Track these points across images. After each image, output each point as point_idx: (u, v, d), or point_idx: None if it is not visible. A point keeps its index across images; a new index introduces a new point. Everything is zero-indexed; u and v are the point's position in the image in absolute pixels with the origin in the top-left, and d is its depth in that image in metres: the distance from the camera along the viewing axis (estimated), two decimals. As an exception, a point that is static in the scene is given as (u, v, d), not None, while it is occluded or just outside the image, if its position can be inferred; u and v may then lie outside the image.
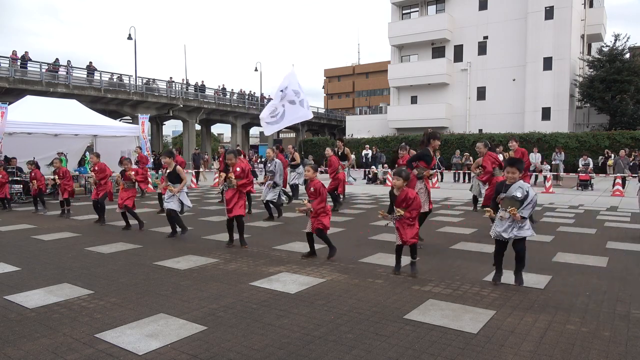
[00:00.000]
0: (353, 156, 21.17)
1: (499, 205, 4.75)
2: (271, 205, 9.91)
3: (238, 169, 6.84)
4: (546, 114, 33.55)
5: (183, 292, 4.67)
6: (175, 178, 7.66)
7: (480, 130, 33.67)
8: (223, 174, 6.93)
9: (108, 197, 9.46)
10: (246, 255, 6.38)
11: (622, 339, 3.50)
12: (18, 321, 3.89)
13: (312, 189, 6.13)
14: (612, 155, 21.51)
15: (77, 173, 15.93)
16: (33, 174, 11.22)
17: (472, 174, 11.22)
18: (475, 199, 11.38)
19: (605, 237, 7.73)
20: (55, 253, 6.57)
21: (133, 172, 8.79)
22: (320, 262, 5.95)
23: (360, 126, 41.40)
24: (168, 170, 7.71)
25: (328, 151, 11.64)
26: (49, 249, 6.84)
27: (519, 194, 4.59)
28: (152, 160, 18.55)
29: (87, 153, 18.24)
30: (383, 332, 3.63)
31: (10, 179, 12.94)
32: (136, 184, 8.99)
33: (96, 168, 9.35)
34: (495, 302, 4.34)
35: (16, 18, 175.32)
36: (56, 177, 10.51)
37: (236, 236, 6.99)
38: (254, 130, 61.82)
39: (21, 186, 13.27)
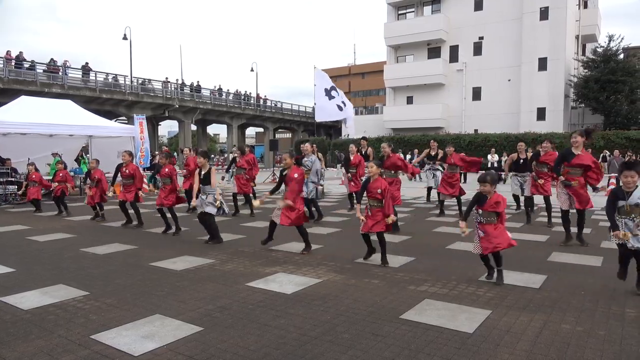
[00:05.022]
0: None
1: (620, 215, 4.41)
2: (312, 206, 9.34)
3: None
4: (541, 114, 33.67)
5: (179, 293, 4.66)
6: (207, 179, 7.24)
7: (476, 131, 33.73)
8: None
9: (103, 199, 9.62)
10: (242, 255, 6.37)
11: (617, 338, 3.52)
12: (13, 322, 3.87)
13: (379, 190, 5.63)
14: (608, 156, 21.60)
15: (72, 174, 15.84)
16: (33, 176, 11.34)
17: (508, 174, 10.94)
18: (517, 198, 10.86)
19: (600, 236, 7.77)
20: (50, 254, 6.54)
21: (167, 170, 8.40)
22: (317, 262, 5.95)
23: (356, 126, 41.24)
24: (203, 172, 7.29)
25: (353, 148, 10.68)
26: (44, 250, 6.81)
27: None
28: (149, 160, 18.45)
29: (84, 154, 18.16)
30: (379, 332, 3.63)
31: (4, 179, 12.90)
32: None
33: (127, 171, 8.87)
34: (491, 301, 4.35)
35: (17, 17, 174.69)
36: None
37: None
38: (250, 131, 61.76)
39: (16, 187, 13.20)
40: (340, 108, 12.50)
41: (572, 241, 7.05)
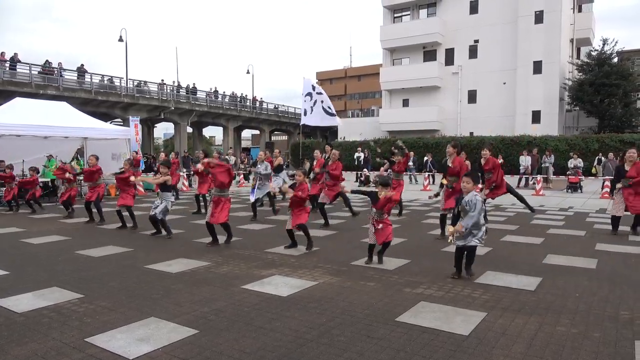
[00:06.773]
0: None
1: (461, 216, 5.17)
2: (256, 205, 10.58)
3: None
4: (536, 117, 33.82)
5: (174, 296, 4.64)
6: (166, 186, 8.13)
7: (471, 133, 33.82)
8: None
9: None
10: (238, 258, 6.36)
11: (611, 339, 3.53)
12: (7, 326, 3.85)
13: (299, 192, 6.78)
14: (602, 159, 21.70)
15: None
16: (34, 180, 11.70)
17: None
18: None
19: (594, 239, 7.80)
20: (44, 256, 6.50)
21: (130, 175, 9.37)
22: (313, 264, 5.95)
23: (352, 129, 41.38)
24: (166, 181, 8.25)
25: (317, 154, 11.36)
26: (38, 253, 6.77)
27: (467, 207, 5.08)
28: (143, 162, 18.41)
29: (79, 156, 18.09)
30: (375, 334, 3.63)
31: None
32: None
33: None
34: (486, 304, 4.36)
35: (14, 17, 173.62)
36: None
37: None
38: (246, 133, 61.72)
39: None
40: (326, 112, 12.66)
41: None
